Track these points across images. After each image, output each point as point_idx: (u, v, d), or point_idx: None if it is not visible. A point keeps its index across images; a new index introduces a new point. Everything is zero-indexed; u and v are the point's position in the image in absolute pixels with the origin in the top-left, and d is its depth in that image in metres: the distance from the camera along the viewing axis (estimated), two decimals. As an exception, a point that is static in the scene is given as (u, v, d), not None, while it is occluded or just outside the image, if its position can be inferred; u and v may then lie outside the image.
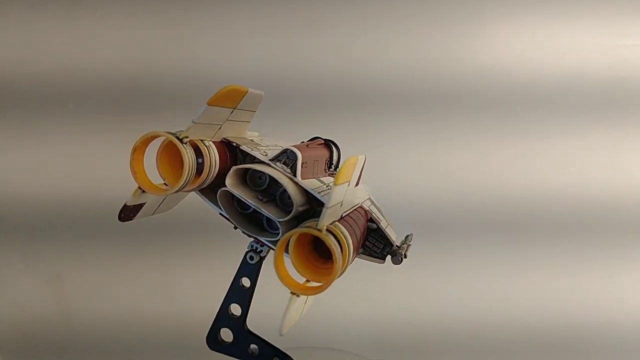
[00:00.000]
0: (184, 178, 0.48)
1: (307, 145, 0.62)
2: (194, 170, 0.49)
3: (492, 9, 0.99)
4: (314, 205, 0.54)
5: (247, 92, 0.50)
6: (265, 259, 0.62)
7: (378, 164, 0.63)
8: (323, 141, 0.66)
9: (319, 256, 0.49)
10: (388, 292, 1.00)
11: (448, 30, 0.99)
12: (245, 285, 0.63)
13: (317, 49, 0.97)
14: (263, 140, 0.60)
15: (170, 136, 0.47)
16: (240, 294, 0.63)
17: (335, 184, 0.44)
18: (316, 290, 0.45)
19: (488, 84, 0.99)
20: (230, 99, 0.50)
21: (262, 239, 0.55)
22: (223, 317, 0.64)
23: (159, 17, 0.99)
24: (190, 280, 1.00)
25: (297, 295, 0.47)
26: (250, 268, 0.63)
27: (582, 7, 0.99)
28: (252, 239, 0.63)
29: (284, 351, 0.62)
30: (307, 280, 0.47)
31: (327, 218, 0.44)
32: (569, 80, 0.99)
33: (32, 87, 0.98)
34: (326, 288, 0.45)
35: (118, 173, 0.57)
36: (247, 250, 0.63)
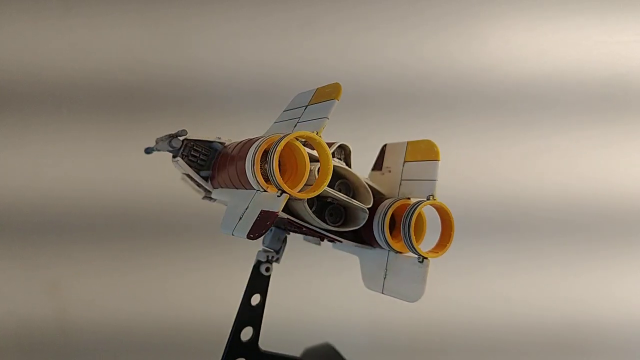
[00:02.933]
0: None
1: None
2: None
3: (494, 7, 1.01)
4: None
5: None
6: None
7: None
8: None
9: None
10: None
11: (447, 30, 1.00)
12: (254, 303, 0.56)
13: (316, 48, 0.97)
14: None
15: (317, 136, 0.42)
16: (251, 314, 0.55)
17: None
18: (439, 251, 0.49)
19: (486, 82, 0.99)
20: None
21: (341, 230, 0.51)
22: (235, 346, 0.54)
23: (155, 19, 0.99)
24: (188, 284, 0.98)
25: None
26: (262, 281, 0.56)
27: (580, 5, 1.00)
28: (261, 249, 0.57)
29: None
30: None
31: None
32: (569, 78, 0.99)
33: (27, 89, 0.98)
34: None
35: (115, 176, 0.65)
36: (260, 261, 0.56)
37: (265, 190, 0.43)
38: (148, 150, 0.58)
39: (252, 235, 0.40)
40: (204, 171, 0.55)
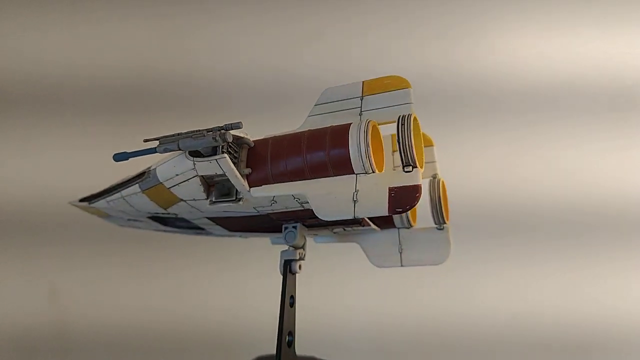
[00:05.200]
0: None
1: None
2: None
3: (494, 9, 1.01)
4: None
5: None
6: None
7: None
8: None
9: None
10: (391, 296, 0.96)
11: (449, 32, 0.98)
12: (291, 305, 0.53)
13: (318, 50, 0.96)
14: None
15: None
16: (290, 317, 0.53)
17: None
18: None
19: (493, 85, 0.99)
20: None
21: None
22: (285, 355, 0.51)
23: (156, 20, 1.01)
24: (188, 285, 0.98)
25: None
26: (294, 281, 0.54)
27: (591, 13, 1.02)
28: (286, 249, 0.55)
29: None
30: None
31: None
32: (573, 82, 1.00)
33: (27, 89, 1.00)
34: None
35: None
36: (290, 260, 0.54)
37: (371, 172, 0.45)
38: (163, 150, 0.47)
39: (400, 210, 0.42)
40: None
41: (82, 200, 0.63)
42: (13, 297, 0.97)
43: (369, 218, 0.56)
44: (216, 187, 0.52)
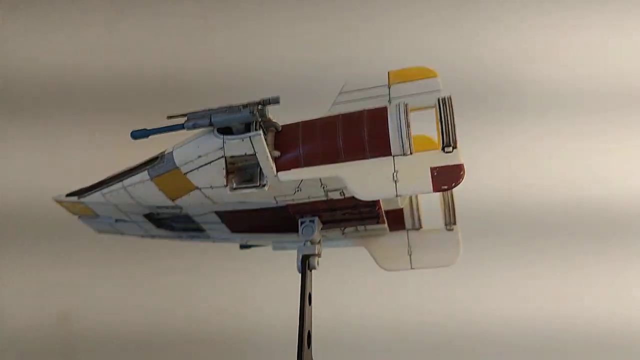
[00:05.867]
0: None
1: None
2: None
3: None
4: None
5: None
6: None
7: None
8: None
9: None
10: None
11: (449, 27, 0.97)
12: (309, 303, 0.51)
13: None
14: None
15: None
16: (309, 316, 0.50)
17: None
18: None
19: (493, 83, 0.99)
20: None
21: None
22: (307, 356, 0.48)
23: (157, 20, 1.02)
24: (187, 285, 0.96)
25: None
26: (310, 277, 0.52)
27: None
28: (303, 244, 0.53)
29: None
30: None
31: None
32: (577, 81, 0.98)
33: (28, 89, 1.01)
34: None
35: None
36: (307, 255, 0.52)
37: (409, 153, 0.45)
38: (192, 125, 0.45)
39: (445, 187, 0.42)
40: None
41: (69, 195, 0.58)
42: (11, 297, 0.97)
43: (385, 216, 0.55)
44: (236, 173, 0.50)
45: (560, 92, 1.01)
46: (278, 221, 0.56)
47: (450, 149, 0.45)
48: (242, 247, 0.71)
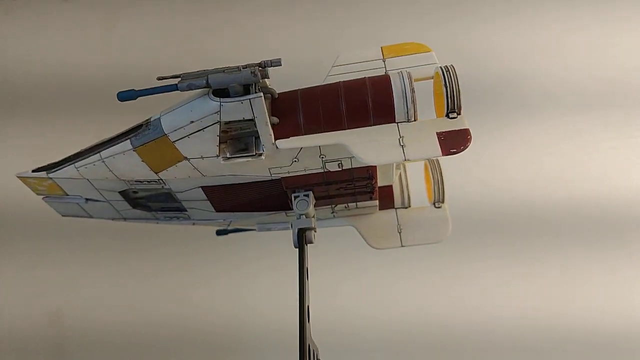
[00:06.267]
0: None
1: None
2: None
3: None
4: None
5: None
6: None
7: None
8: None
9: None
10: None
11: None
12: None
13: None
14: None
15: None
16: (308, 291, 0.48)
17: None
18: None
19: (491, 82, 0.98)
20: None
21: None
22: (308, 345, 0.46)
23: (162, 16, 1.04)
24: (180, 283, 0.94)
25: None
26: (306, 253, 0.50)
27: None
28: (298, 217, 0.51)
29: None
30: None
31: None
32: (575, 79, 0.99)
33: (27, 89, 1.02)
34: None
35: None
36: (303, 228, 0.50)
37: (413, 120, 0.44)
38: (187, 86, 0.41)
39: (454, 150, 0.42)
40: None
41: (37, 170, 0.52)
42: (3, 296, 0.96)
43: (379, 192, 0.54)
44: (229, 142, 0.47)
45: (557, 91, 1.01)
46: (266, 198, 0.54)
47: (455, 114, 0.44)
48: (219, 233, 0.68)
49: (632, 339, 0.91)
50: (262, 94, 0.42)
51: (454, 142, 0.42)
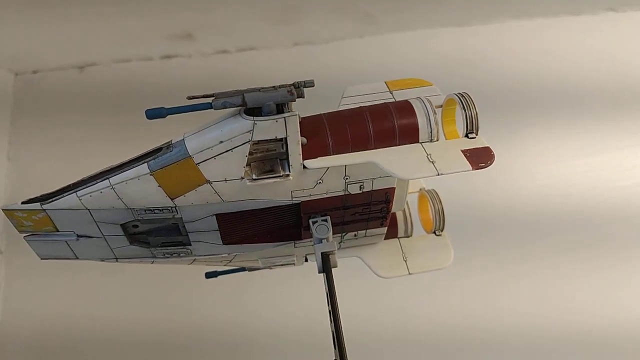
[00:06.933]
0: None
1: None
2: None
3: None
4: None
5: None
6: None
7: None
8: None
9: None
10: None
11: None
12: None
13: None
14: None
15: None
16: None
17: None
18: None
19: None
20: None
21: None
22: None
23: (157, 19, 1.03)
24: (185, 284, 0.93)
25: None
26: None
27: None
28: (319, 242, 0.50)
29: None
30: None
31: None
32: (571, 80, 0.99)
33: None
34: None
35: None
36: (327, 252, 0.49)
37: (436, 140, 0.46)
38: (221, 104, 0.40)
39: (483, 165, 0.44)
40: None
41: (28, 201, 0.47)
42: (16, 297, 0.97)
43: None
44: (253, 165, 0.46)
45: (555, 91, 1.02)
46: (279, 227, 0.52)
47: (474, 135, 0.47)
48: (209, 275, 0.65)
49: (632, 339, 0.92)
50: (297, 112, 0.43)
51: (480, 158, 0.45)
